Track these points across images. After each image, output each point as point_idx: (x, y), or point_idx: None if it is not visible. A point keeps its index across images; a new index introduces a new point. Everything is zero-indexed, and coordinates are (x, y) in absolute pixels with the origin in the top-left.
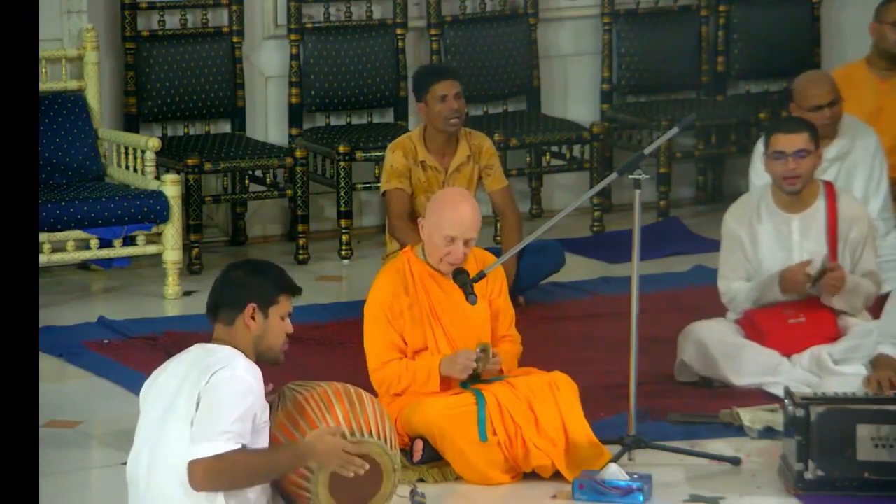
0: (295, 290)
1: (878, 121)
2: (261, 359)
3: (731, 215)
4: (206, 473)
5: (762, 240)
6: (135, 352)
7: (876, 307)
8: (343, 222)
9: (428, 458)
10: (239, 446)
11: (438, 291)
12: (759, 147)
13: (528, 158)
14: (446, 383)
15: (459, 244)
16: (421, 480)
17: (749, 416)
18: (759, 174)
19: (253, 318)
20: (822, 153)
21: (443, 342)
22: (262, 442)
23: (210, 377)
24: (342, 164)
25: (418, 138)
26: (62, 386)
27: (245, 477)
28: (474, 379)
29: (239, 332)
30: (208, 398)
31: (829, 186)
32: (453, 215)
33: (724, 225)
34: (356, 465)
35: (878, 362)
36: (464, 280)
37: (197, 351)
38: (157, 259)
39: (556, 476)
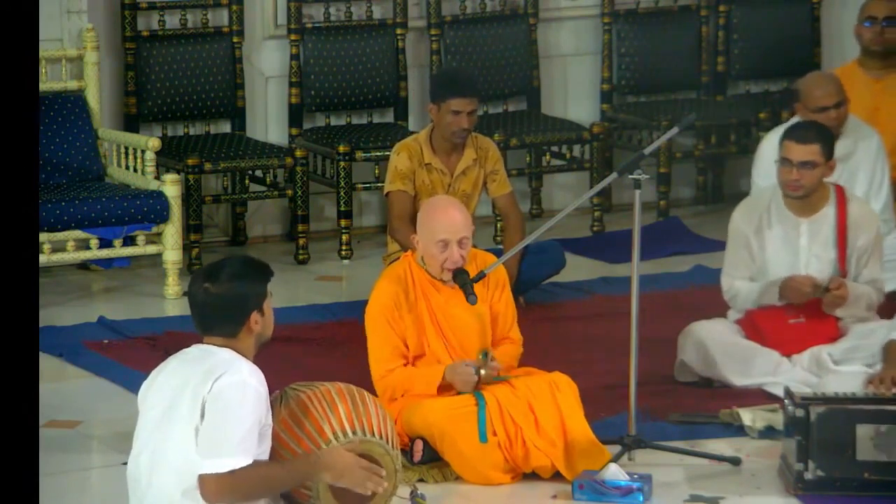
0: (271, 273)
1: (874, 121)
2: (259, 349)
3: (739, 214)
4: (220, 488)
5: (770, 242)
6: (135, 352)
7: (879, 307)
8: (343, 222)
9: (428, 459)
10: (252, 460)
11: (438, 297)
12: (762, 147)
13: (528, 158)
14: (444, 387)
15: (454, 246)
16: (421, 481)
17: (749, 416)
18: (761, 175)
19: (256, 321)
20: (835, 163)
21: (441, 348)
22: (266, 443)
23: (213, 383)
24: (342, 164)
25: (425, 140)
26: (62, 386)
27: (260, 491)
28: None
29: (242, 339)
30: (215, 408)
31: (840, 191)
32: (441, 220)
33: (731, 222)
34: (375, 481)
35: (890, 349)
36: (464, 280)
37: (195, 352)
38: (157, 259)
39: (556, 476)
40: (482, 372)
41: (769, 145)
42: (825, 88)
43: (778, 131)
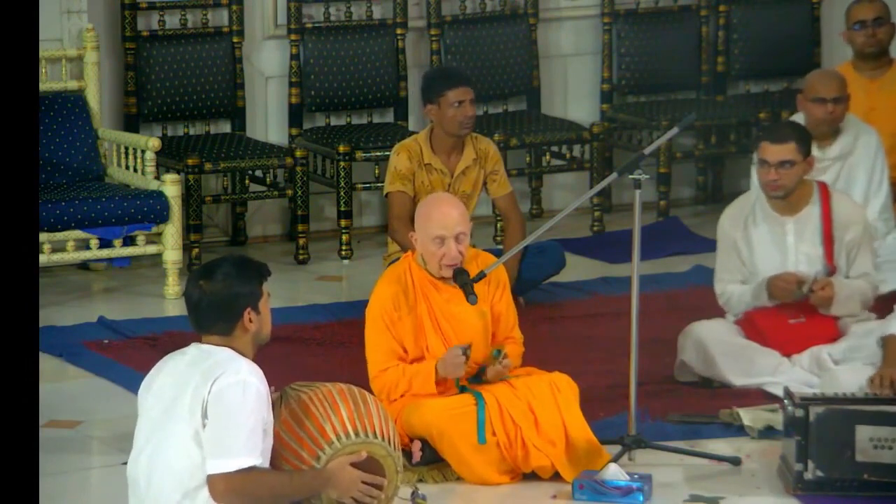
0: (268, 273)
1: (870, 120)
2: (259, 347)
3: (726, 218)
4: (229, 488)
5: (757, 243)
6: (135, 352)
7: (879, 307)
8: (343, 222)
9: (428, 460)
10: (259, 458)
11: (438, 297)
12: None
13: (528, 158)
14: (442, 385)
15: (451, 243)
16: (421, 481)
17: (749, 416)
18: None
19: (251, 320)
20: (814, 160)
21: (441, 348)
22: (268, 442)
23: (212, 384)
24: (342, 164)
25: (424, 140)
26: (62, 386)
27: (268, 497)
28: (477, 380)
29: (238, 337)
30: (218, 409)
31: (824, 188)
32: (437, 216)
33: (719, 227)
34: (373, 495)
35: (888, 344)
36: (464, 280)
37: (194, 351)
38: (157, 259)
39: (556, 476)
40: (498, 364)
41: None
42: (827, 82)
43: None
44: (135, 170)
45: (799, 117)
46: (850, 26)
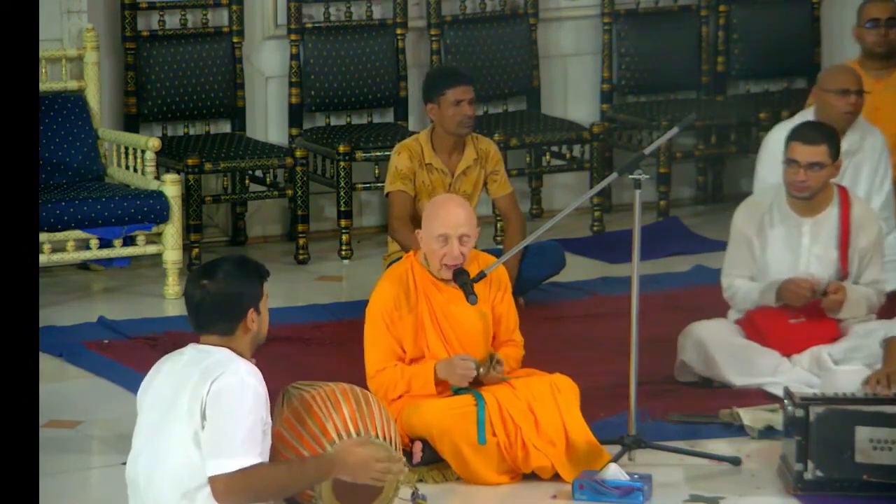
0: (267, 273)
1: (874, 119)
2: (256, 348)
3: (740, 214)
4: (230, 488)
5: (771, 242)
6: (135, 352)
7: (882, 309)
8: (343, 222)
9: (428, 460)
10: (258, 458)
11: (440, 297)
12: (768, 142)
13: (528, 158)
14: (441, 386)
15: (454, 242)
16: (421, 481)
17: (749, 416)
18: (766, 167)
19: (253, 320)
20: (841, 163)
21: (441, 349)
22: (267, 444)
23: (211, 384)
24: (342, 164)
25: (426, 140)
26: (62, 386)
27: (271, 492)
28: (474, 381)
29: (238, 337)
30: (216, 409)
31: (844, 192)
32: (443, 214)
33: (733, 222)
34: (393, 472)
35: (890, 345)
36: (464, 280)
37: (192, 352)
38: (157, 259)
39: (556, 477)
40: (481, 370)
41: (776, 139)
42: (850, 74)
43: (785, 126)
44: (135, 170)
45: (805, 115)
46: (863, 24)
